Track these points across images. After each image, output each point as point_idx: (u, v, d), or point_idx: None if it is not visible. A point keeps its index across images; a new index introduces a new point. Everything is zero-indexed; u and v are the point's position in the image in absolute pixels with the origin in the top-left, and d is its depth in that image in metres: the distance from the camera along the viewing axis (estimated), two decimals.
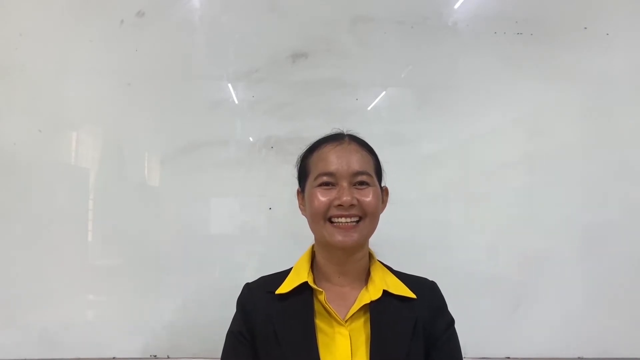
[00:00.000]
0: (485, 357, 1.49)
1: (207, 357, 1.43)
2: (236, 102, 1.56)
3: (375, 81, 1.58)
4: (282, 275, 1.05)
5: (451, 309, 1.07)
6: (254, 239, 1.53)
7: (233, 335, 1.03)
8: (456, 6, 1.60)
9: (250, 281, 1.09)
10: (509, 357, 1.51)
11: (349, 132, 1.07)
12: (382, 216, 1.05)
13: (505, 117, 1.57)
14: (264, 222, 1.54)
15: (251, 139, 1.55)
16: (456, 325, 1.06)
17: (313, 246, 1.09)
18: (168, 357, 1.49)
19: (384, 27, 1.57)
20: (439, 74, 1.58)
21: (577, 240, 1.54)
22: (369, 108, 1.57)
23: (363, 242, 1.03)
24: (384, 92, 1.58)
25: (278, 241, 1.51)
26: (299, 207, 1.08)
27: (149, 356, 1.48)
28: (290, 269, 1.07)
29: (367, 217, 0.99)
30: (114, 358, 1.47)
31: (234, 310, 1.07)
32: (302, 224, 1.07)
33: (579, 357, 1.52)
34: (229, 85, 1.56)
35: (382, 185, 1.07)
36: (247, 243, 1.53)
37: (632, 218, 1.55)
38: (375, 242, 1.09)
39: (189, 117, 1.54)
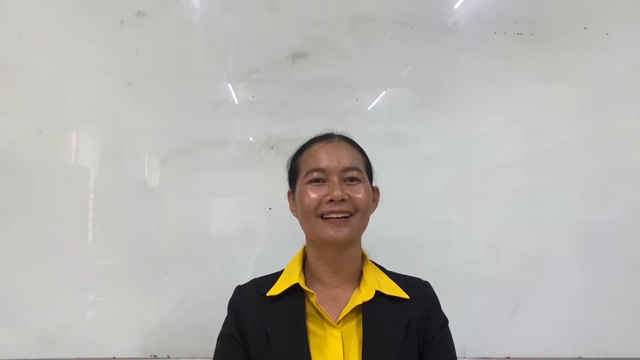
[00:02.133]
0: (485, 357, 1.49)
1: (207, 357, 1.42)
2: (236, 102, 1.56)
3: (375, 81, 1.58)
4: (274, 277, 1.04)
5: (451, 309, 1.07)
6: (254, 239, 1.53)
7: (224, 338, 1.02)
8: (456, 6, 1.60)
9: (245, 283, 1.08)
10: (509, 357, 1.51)
11: (339, 133, 1.06)
12: (381, 216, 1.05)
13: (505, 117, 1.57)
14: (264, 222, 1.54)
15: (251, 139, 1.55)
16: (457, 326, 1.05)
17: (305, 247, 1.08)
18: (168, 357, 1.49)
19: (384, 27, 1.57)
20: (439, 74, 1.58)
21: (577, 240, 1.54)
22: (369, 108, 1.57)
23: (354, 238, 1.01)
24: (384, 92, 1.58)
25: (278, 241, 1.51)
26: (290, 208, 1.06)
27: (149, 356, 1.48)
28: (282, 270, 1.06)
29: (358, 213, 0.98)
30: (114, 358, 1.47)
31: None
32: None
33: (579, 357, 1.52)
34: (229, 85, 1.56)
35: (373, 185, 1.06)
36: (247, 243, 1.53)
37: (632, 218, 1.55)
38: (375, 242, 1.08)
39: (189, 117, 1.54)
